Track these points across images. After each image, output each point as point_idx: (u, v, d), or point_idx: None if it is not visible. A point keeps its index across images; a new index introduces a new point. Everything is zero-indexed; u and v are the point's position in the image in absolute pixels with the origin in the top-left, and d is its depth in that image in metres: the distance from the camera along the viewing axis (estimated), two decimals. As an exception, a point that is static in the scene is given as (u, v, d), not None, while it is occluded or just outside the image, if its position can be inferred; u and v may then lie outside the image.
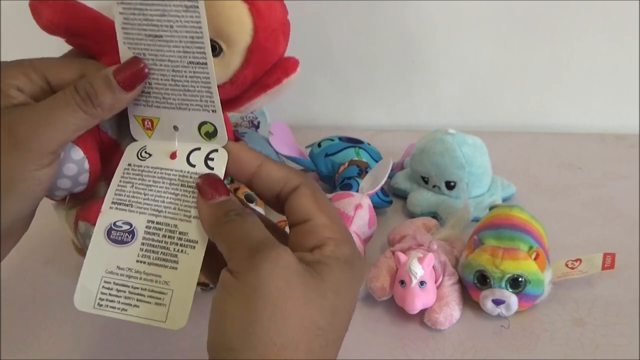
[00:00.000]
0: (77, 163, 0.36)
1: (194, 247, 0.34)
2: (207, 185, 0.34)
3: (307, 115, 0.87)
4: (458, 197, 0.64)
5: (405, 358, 0.49)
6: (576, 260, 0.53)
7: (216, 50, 0.34)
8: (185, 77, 0.34)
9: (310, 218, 0.33)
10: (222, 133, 0.35)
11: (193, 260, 0.34)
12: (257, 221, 0.33)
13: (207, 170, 0.35)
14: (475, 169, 0.63)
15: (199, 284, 0.54)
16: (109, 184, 0.36)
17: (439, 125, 0.68)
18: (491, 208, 0.58)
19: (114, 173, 0.36)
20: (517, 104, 0.85)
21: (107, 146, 0.39)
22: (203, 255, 0.34)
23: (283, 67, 0.37)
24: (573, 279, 0.53)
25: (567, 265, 0.53)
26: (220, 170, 0.35)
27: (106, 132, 0.39)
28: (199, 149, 0.35)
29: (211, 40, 0.33)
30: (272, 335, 0.29)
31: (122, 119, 0.38)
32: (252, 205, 0.61)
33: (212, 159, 0.35)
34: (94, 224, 0.35)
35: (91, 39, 0.39)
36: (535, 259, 0.50)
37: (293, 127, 0.74)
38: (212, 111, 0.34)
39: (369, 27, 0.81)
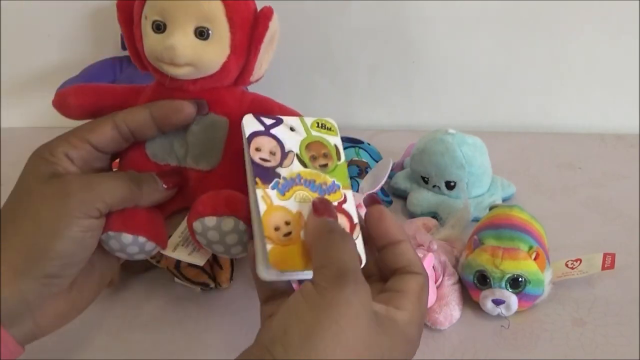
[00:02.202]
0: (138, 245, 0.40)
1: None
2: (322, 205, 0.37)
3: (307, 115, 0.86)
4: (458, 197, 0.64)
5: (405, 358, 0.49)
6: (576, 260, 0.53)
7: (204, 34, 0.39)
8: None
9: (406, 292, 0.37)
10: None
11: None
12: (355, 251, 0.35)
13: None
14: (475, 169, 0.63)
15: (199, 283, 0.55)
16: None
17: (439, 125, 0.68)
18: (491, 208, 0.58)
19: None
20: (517, 104, 0.85)
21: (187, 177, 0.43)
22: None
23: (262, 16, 0.42)
24: (573, 279, 0.53)
25: (567, 265, 0.53)
26: (352, 210, 0.39)
27: (168, 164, 0.43)
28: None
29: (199, 27, 0.39)
30: (327, 349, 0.31)
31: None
32: None
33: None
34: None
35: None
36: (535, 259, 0.50)
37: (293, 127, 0.74)
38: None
39: (369, 27, 0.81)
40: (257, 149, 0.39)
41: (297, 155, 0.40)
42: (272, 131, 0.40)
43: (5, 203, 0.39)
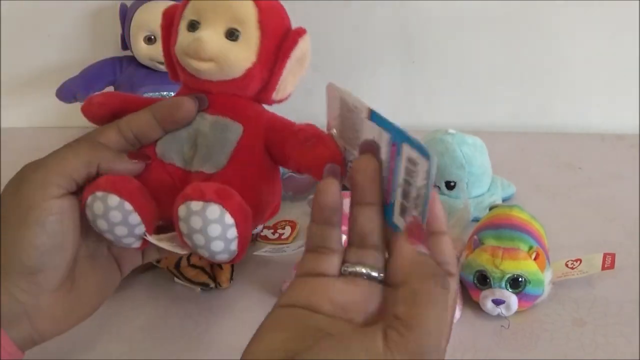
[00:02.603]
0: (123, 213, 0.38)
1: None
2: (416, 230, 0.32)
3: (307, 115, 0.86)
4: (458, 197, 0.64)
5: (405, 358, 0.49)
6: (576, 260, 0.53)
7: (234, 35, 0.40)
8: None
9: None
10: None
11: None
12: (446, 320, 0.30)
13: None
14: (475, 169, 0.63)
15: (199, 283, 0.55)
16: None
17: (439, 125, 0.68)
18: (491, 208, 0.58)
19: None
20: (517, 104, 0.85)
21: (179, 178, 0.41)
22: None
23: (294, 32, 0.42)
24: (573, 279, 0.53)
25: (567, 265, 0.53)
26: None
27: (173, 164, 0.41)
28: None
29: (230, 28, 0.40)
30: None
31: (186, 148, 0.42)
32: None
33: None
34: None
35: None
36: (535, 259, 0.50)
37: (293, 127, 0.74)
38: None
39: (369, 27, 0.81)
40: None
41: None
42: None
43: None
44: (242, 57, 0.40)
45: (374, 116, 0.35)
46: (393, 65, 0.83)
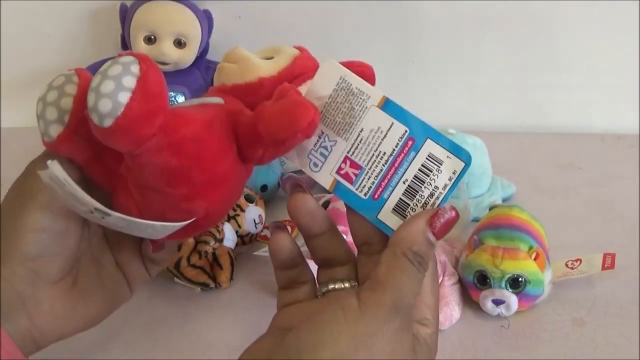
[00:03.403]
0: None
1: None
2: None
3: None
4: (458, 197, 0.64)
5: (405, 358, 0.49)
6: (576, 261, 0.53)
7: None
8: None
9: (421, 293, 0.33)
10: None
11: None
12: (420, 283, 0.32)
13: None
14: (475, 169, 0.63)
15: (199, 283, 0.55)
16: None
17: (439, 125, 0.68)
18: (491, 208, 0.58)
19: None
20: (517, 104, 0.85)
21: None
22: None
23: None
24: (573, 279, 0.53)
25: (567, 265, 0.53)
26: None
27: None
28: None
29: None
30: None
31: None
32: (252, 205, 0.61)
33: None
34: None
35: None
36: (535, 259, 0.50)
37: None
38: None
39: (369, 27, 0.81)
40: None
41: None
42: None
43: None
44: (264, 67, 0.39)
45: (388, 106, 0.34)
46: (393, 65, 0.83)
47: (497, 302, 0.50)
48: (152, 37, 0.74)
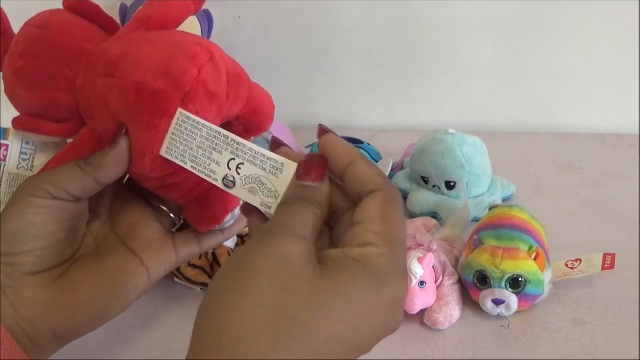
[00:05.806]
0: None
1: None
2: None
3: (307, 115, 0.87)
4: (458, 197, 0.64)
5: (405, 358, 0.49)
6: (576, 261, 0.53)
7: None
8: None
9: (365, 222, 0.31)
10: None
11: None
12: (308, 219, 0.31)
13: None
14: (475, 169, 0.63)
15: (199, 283, 0.55)
16: None
17: (439, 125, 0.68)
18: (491, 208, 0.58)
19: None
20: (517, 104, 0.85)
21: None
22: None
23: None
24: (573, 279, 0.53)
25: (567, 265, 0.53)
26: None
27: None
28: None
29: None
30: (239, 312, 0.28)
31: None
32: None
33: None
34: None
35: None
36: (535, 259, 0.50)
37: (293, 127, 0.74)
38: None
39: (369, 27, 0.81)
40: None
41: None
42: None
43: None
44: None
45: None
46: (393, 65, 0.83)
47: (497, 302, 0.50)
48: (152, 37, 0.74)
